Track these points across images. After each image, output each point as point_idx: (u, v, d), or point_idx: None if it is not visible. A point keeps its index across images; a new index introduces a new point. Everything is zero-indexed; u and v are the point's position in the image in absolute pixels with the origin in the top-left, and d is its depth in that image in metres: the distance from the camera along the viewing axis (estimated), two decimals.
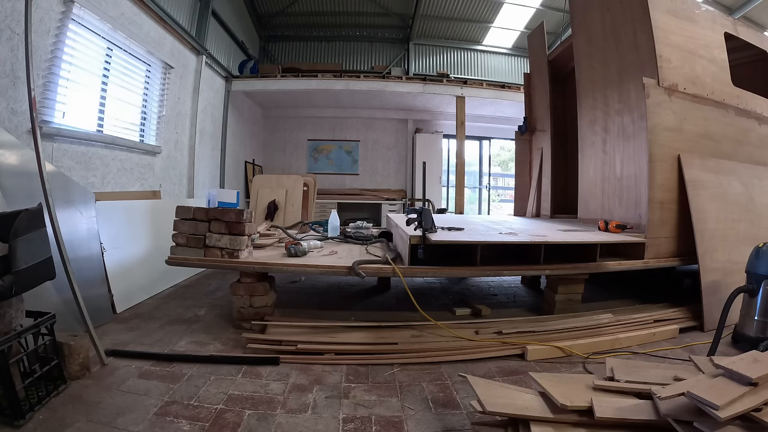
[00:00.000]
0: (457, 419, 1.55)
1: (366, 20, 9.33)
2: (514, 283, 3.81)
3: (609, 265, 2.57)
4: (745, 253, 2.30)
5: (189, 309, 2.86)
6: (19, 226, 1.49)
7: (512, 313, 2.77)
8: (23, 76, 2.22)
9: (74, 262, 1.92)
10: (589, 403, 1.31)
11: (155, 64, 4.79)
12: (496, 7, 8.60)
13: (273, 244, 3.01)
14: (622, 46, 3.14)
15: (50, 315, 1.64)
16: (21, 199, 1.99)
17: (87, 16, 3.49)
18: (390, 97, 7.90)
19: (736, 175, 2.92)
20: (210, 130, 6.38)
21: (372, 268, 2.37)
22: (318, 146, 9.26)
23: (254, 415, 1.54)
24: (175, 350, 2.13)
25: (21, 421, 1.40)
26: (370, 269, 2.36)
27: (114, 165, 3.95)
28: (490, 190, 10.08)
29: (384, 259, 2.45)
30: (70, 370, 1.73)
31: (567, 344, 2.19)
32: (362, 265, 2.33)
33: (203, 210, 2.46)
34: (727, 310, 2.05)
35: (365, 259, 2.44)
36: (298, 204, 4.22)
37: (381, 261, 2.45)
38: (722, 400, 1.11)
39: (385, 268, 2.37)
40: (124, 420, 1.46)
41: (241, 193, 5.32)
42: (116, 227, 3.02)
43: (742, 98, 3.12)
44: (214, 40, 6.52)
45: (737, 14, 6.92)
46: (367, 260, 2.43)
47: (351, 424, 1.51)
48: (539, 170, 4.73)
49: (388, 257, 2.46)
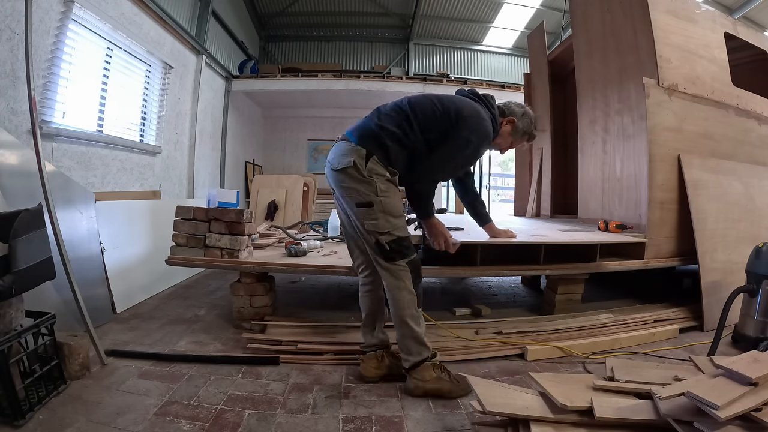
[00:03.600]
0: (457, 419, 1.55)
1: (366, 20, 9.33)
2: (514, 283, 3.80)
3: (609, 265, 2.57)
4: (745, 253, 2.30)
5: (189, 309, 2.86)
6: (19, 226, 1.49)
7: (512, 313, 2.77)
8: (23, 76, 2.22)
9: (74, 262, 1.92)
10: (589, 403, 1.31)
11: (155, 64, 4.80)
12: (496, 7, 8.60)
13: (273, 244, 3.01)
14: (622, 46, 3.14)
15: (50, 315, 1.64)
16: (21, 199, 1.99)
17: (87, 16, 3.50)
18: (390, 97, 7.69)
19: (736, 175, 2.92)
20: (210, 130, 6.38)
21: None
22: (318, 146, 9.26)
23: (254, 415, 1.54)
24: (175, 350, 2.13)
25: (21, 421, 1.40)
26: None
27: (114, 165, 3.95)
28: (490, 190, 10.08)
29: None
30: (70, 370, 1.73)
31: (567, 344, 2.19)
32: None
33: (203, 210, 2.46)
34: (727, 310, 2.05)
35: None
36: (298, 204, 4.22)
37: None
38: (722, 400, 1.11)
39: None
40: (124, 420, 1.46)
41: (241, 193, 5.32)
42: (116, 227, 3.02)
43: (742, 98, 3.12)
44: (214, 40, 6.52)
45: (737, 14, 6.92)
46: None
47: (351, 424, 1.51)
48: (539, 170, 4.73)
49: None
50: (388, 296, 1.75)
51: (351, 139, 1.73)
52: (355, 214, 1.71)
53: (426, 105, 1.79)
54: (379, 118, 1.77)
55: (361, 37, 9.59)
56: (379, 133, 1.71)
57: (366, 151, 1.68)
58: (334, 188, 1.79)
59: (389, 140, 1.71)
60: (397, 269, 1.69)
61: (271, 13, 9.10)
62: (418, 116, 1.75)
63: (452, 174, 2.10)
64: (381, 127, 1.72)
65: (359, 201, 1.68)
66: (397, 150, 1.72)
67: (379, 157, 1.69)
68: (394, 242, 1.68)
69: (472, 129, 1.78)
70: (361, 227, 1.72)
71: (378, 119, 1.76)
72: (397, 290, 1.70)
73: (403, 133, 1.73)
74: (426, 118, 1.76)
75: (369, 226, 1.68)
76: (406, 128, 1.73)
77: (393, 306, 1.73)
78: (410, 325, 1.70)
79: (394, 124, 1.73)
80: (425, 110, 1.77)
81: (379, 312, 1.90)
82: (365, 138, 1.72)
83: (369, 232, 1.69)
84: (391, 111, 1.79)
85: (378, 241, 1.68)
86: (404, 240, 1.71)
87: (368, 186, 1.66)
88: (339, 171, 1.70)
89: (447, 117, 1.77)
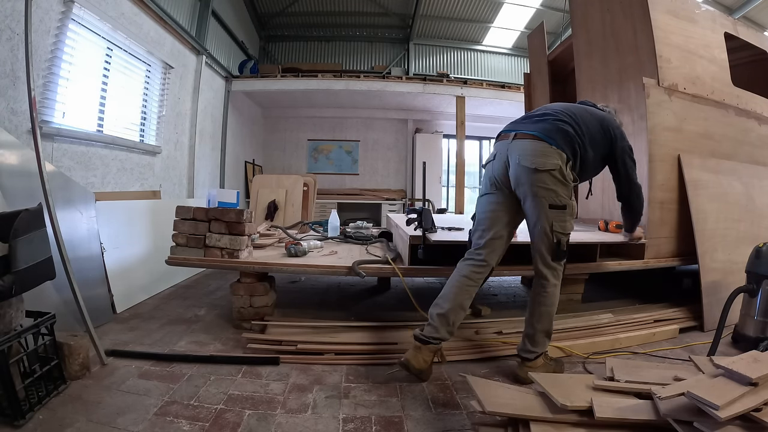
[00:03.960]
0: (457, 419, 1.55)
1: (366, 20, 9.33)
2: (514, 283, 3.80)
3: (609, 265, 2.57)
4: (745, 253, 2.30)
5: (189, 309, 2.86)
6: (19, 226, 1.49)
7: (512, 313, 2.76)
8: (23, 76, 2.22)
9: (74, 262, 1.92)
10: (589, 403, 1.31)
11: (155, 64, 4.79)
12: (496, 7, 8.60)
13: (273, 244, 3.01)
14: (622, 46, 3.14)
15: (50, 315, 1.64)
16: (21, 199, 1.99)
17: (87, 16, 3.49)
18: (390, 97, 7.90)
19: (736, 175, 2.92)
20: (210, 130, 6.38)
21: (372, 268, 2.37)
22: (318, 146, 9.26)
23: (254, 415, 1.54)
24: (175, 350, 2.13)
25: (21, 421, 1.40)
26: (370, 269, 2.36)
27: (114, 165, 3.95)
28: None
29: (384, 259, 2.45)
30: (70, 370, 1.73)
31: (567, 344, 2.19)
32: (362, 265, 2.33)
33: (203, 210, 2.46)
34: (727, 310, 2.05)
35: (365, 259, 2.44)
36: (298, 204, 4.22)
37: (381, 261, 2.45)
38: (722, 400, 1.11)
39: (385, 268, 2.37)
40: (124, 420, 1.46)
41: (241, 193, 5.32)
42: (116, 227, 3.02)
43: (742, 98, 3.12)
44: (214, 40, 6.52)
45: (737, 14, 6.92)
46: (367, 260, 2.43)
47: (351, 424, 1.51)
48: None
49: (388, 257, 2.46)
50: (543, 292, 1.83)
51: (549, 141, 1.78)
52: (545, 214, 1.77)
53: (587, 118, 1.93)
54: (574, 124, 1.85)
55: (361, 37, 9.59)
56: (573, 140, 1.82)
57: (566, 156, 1.78)
58: (524, 185, 1.79)
59: (579, 148, 1.83)
60: (560, 269, 1.84)
61: (271, 13, 9.09)
62: (586, 130, 1.88)
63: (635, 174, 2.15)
64: (576, 135, 1.83)
65: (555, 203, 1.76)
66: (580, 159, 1.86)
67: (572, 164, 1.82)
68: (567, 244, 1.83)
69: (624, 136, 2.02)
70: (547, 227, 1.78)
71: (570, 126, 1.84)
72: (554, 288, 1.83)
73: (582, 144, 1.85)
74: (591, 133, 1.89)
75: (557, 227, 1.78)
76: (583, 140, 1.86)
77: (544, 301, 1.82)
78: (552, 321, 1.84)
79: (577, 134, 1.84)
80: (588, 123, 1.91)
81: (465, 310, 1.89)
82: (565, 142, 1.80)
83: (554, 232, 1.78)
84: (570, 119, 1.87)
85: (560, 242, 1.79)
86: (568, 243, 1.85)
87: (567, 190, 1.77)
88: (543, 171, 1.74)
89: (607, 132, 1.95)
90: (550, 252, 1.81)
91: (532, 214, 1.82)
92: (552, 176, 1.74)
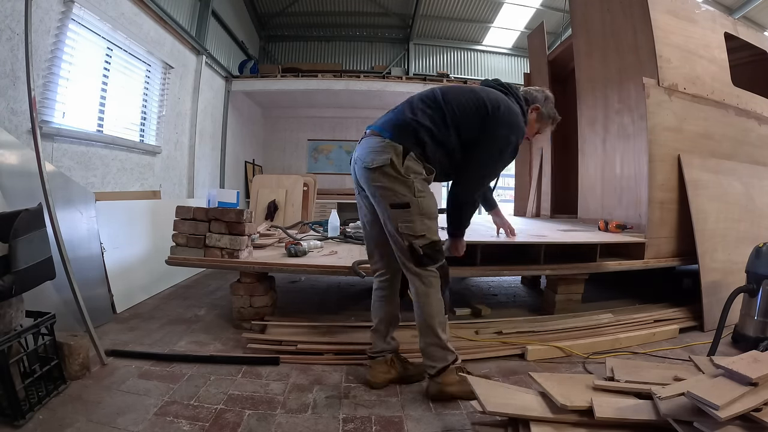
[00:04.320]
0: (457, 419, 1.55)
1: (366, 20, 9.33)
2: (514, 283, 3.80)
3: (609, 265, 2.57)
4: (745, 253, 2.30)
5: (189, 309, 2.86)
6: (19, 226, 1.49)
7: (512, 313, 2.77)
8: (23, 76, 2.22)
9: (74, 262, 1.92)
10: (589, 403, 1.31)
11: (155, 64, 4.79)
12: (496, 7, 8.60)
13: (273, 244, 3.01)
14: (622, 46, 3.14)
15: (50, 315, 1.64)
16: (21, 199, 1.99)
17: (87, 16, 3.49)
18: (390, 97, 7.88)
19: (736, 175, 2.92)
20: (210, 130, 6.38)
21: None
22: (318, 146, 9.26)
23: (254, 415, 1.54)
24: (175, 350, 2.13)
25: (21, 421, 1.40)
26: (370, 269, 2.36)
27: (114, 165, 3.95)
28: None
29: None
30: (70, 370, 1.73)
31: (567, 344, 2.19)
32: (362, 265, 2.33)
33: (203, 210, 2.46)
34: (727, 310, 2.05)
35: (365, 259, 2.43)
36: (298, 204, 4.22)
37: None
38: (722, 400, 1.11)
39: None
40: (124, 420, 1.46)
41: (241, 193, 5.32)
42: (116, 227, 3.02)
43: (742, 98, 3.12)
44: (214, 40, 6.52)
45: (737, 14, 6.92)
46: (367, 260, 2.43)
47: (351, 424, 1.51)
48: (539, 170, 4.73)
49: None
50: (416, 302, 1.67)
51: (384, 134, 1.62)
52: (388, 215, 1.62)
53: (461, 98, 1.69)
54: (413, 111, 1.66)
55: (361, 37, 9.59)
56: (417, 127, 1.61)
57: (403, 148, 1.58)
58: (364, 187, 1.68)
59: (426, 136, 1.61)
60: (428, 275, 1.62)
61: (271, 13, 9.09)
62: (455, 111, 1.66)
63: (496, 176, 1.94)
64: (417, 122, 1.62)
65: (394, 202, 1.59)
66: (433, 147, 1.63)
67: (417, 154, 1.60)
68: (428, 246, 1.60)
69: (511, 126, 1.70)
70: (393, 230, 1.62)
71: (412, 113, 1.65)
72: (426, 297, 1.63)
73: (438, 130, 1.64)
74: (462, 114, 1.66)
75: (403, 228, 1.59)
76: (439, 124, 1.64)
77: (421, 313, 1.65)
78: (437, 332, 1.64)
79: (428, 118, 1.64)
80: (461, 103, 1.67)
81: (394, 319, 1.85)
82: (401, 133, 1.61)
83: (402, 234, 1.60)
84: (424, 104, 1.69)
85: (411, 245, 1.59)
86: (437, 244, 1.64)
87: (405, 186, 1.58)
88: (374, 169, 1.59)
89: (481, 112, 1.67)
90: (407, 257, 1.62)
91: (381, 217, 1.67)
92: (383, 173, 1.57)
